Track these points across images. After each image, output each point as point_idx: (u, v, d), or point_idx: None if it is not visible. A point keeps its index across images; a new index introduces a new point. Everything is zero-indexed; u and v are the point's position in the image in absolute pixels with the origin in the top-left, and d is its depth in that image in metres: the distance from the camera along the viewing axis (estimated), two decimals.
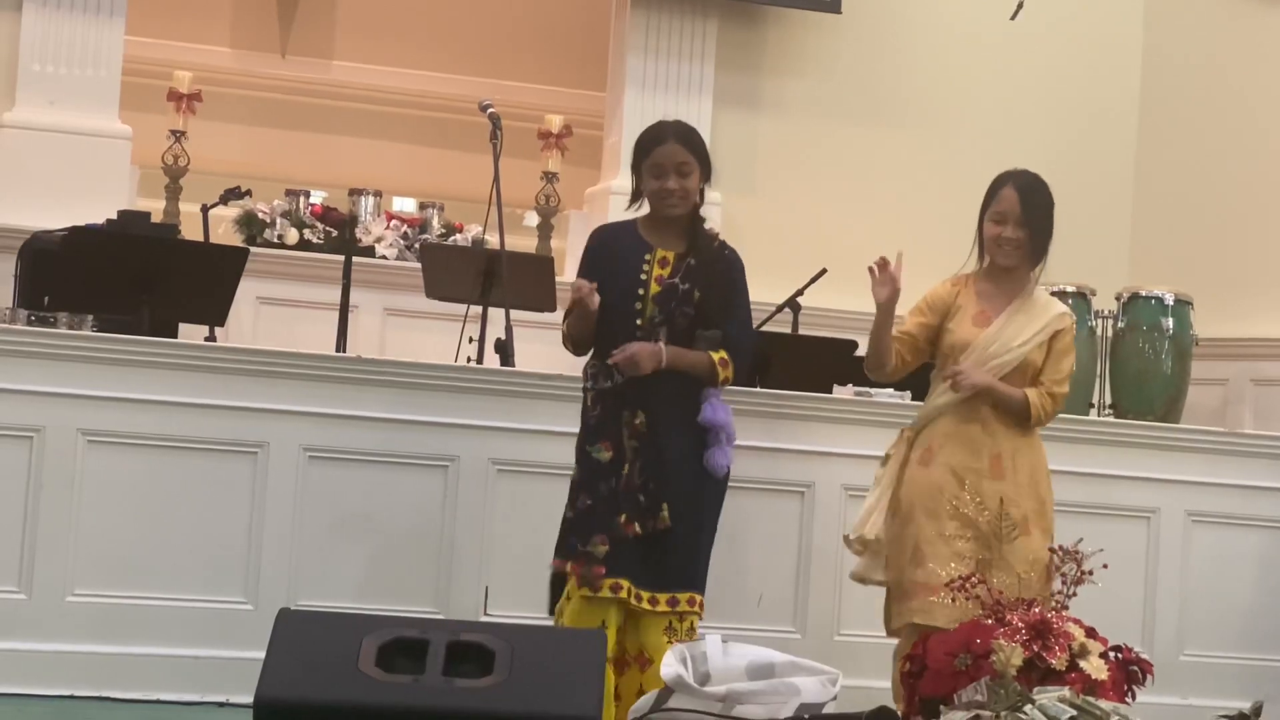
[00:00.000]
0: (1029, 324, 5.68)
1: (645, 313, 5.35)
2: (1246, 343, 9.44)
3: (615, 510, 5.29)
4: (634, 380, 5.32)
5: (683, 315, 5.36)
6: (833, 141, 9.94)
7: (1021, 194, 5.67)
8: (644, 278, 5.38)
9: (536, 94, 10.90)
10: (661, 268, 5.40)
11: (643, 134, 5.51)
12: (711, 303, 5.38)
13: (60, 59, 9.02)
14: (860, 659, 6.30)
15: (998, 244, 5.68)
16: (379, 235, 9.55)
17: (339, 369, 6.51)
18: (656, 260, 5.40)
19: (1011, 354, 5.63)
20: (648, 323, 5.35)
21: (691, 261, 5.40)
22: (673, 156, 5.39)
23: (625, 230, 5.51)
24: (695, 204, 5.46)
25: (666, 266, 5.40)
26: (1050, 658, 4.44)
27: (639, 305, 5.36)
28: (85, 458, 6.22)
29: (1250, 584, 7.29)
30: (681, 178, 5.39)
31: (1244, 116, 9.72)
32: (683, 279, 5.37)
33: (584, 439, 5.43)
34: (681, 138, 5.43)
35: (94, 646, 6.16)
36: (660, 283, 5.37)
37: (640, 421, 5.34)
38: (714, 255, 5.44)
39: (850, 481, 6.83)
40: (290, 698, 4.17)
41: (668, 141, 5.41)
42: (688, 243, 5.43)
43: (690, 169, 5.40)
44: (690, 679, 4.39)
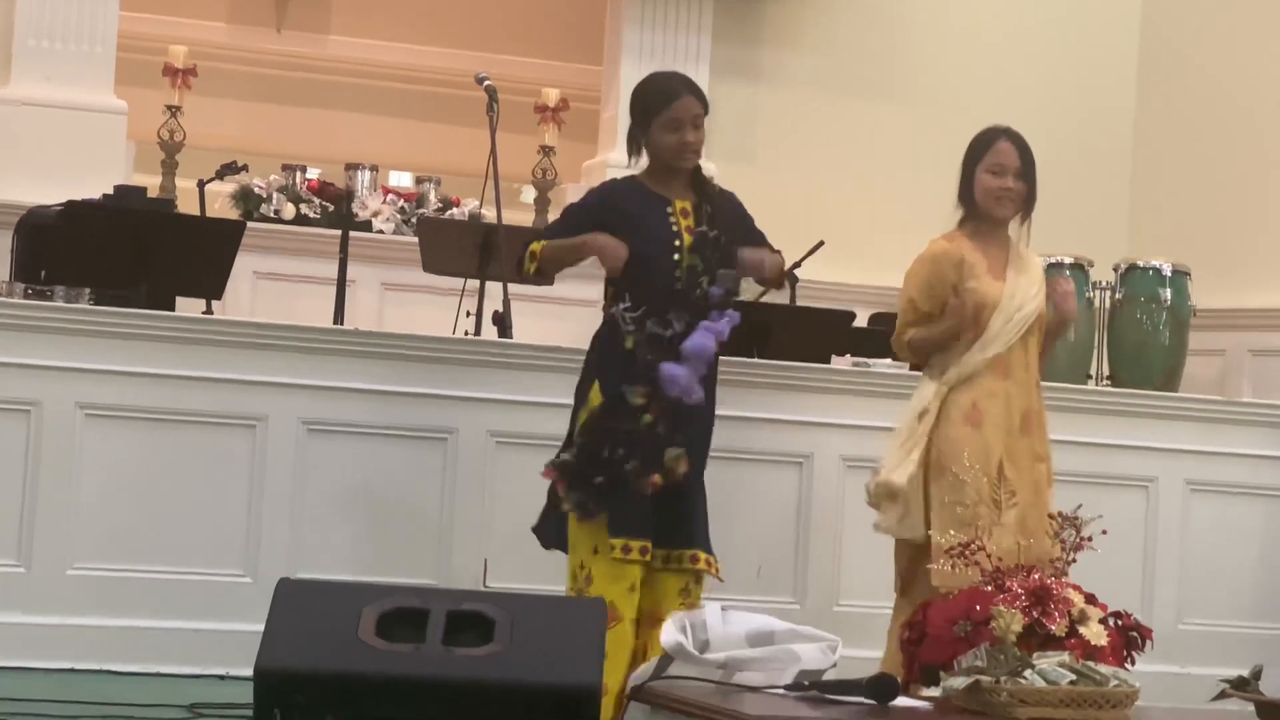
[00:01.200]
0: (1030, 277, 5.73)
1: (683, 264, 5.41)
2: (1245, 313, 9.44)
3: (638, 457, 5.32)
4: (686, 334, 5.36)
5: (715, 261, 5.43)
6: (830, 114, 9.93)
7: (1018, 146, 5.70)
8: (675, 229, 5.43)
9: (533, 68, 10.89)
10: (685, 218, 5.46)
11: (648, 89, 5.54)
12: (735, 243, 5.48)
13: (56, 34, 8.99)
14: (859, 629, 6.29)
15: (996, 196, 5.68)
16: (376, 210, 9.54)
17: (337, 342, 6.50)
18: (678, 212, 5.46)
19: (1031, 305, 5.68)
20: (686, 274, 5.40)
21: (708, 209, 5.47)
22: (689, 109, 5.44)
23: (634, 187, 5.52)
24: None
25: (689, 217, 5.46)
26: (1050, 624, 4.44)
27: (676, 258, 5.40)
28: (83, 431, 6.22)
29: (1249, 553, 7.30)
30: (697, 130, 5.46)
31: (1242, 87, 9.70)
32: (709, 226, 5.45)
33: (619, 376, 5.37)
34: (693, 90, 5.51)
35: (94, 619, 6.17)
36: (691, 233, 5.43)
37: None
38: (722, 199, 5.55)
39: (849, 452, 6.84)
40: (290, 667, 4.17)
41: (683, 95, 5.46)
42: (696, 191, 5.50)
43: (702, 120, 5.48)
44: (690, 646, 4.39)
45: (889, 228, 9.76)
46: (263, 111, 10.82)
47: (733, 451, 6.37)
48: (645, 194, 5.48)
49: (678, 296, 5.40)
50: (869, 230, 9.53)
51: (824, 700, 4.25)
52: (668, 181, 5.50)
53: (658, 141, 5.46)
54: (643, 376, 5.36)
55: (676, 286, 5.40)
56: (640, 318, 5.41)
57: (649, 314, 5.40)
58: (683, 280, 5.41)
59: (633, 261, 5.40)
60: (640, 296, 5.41)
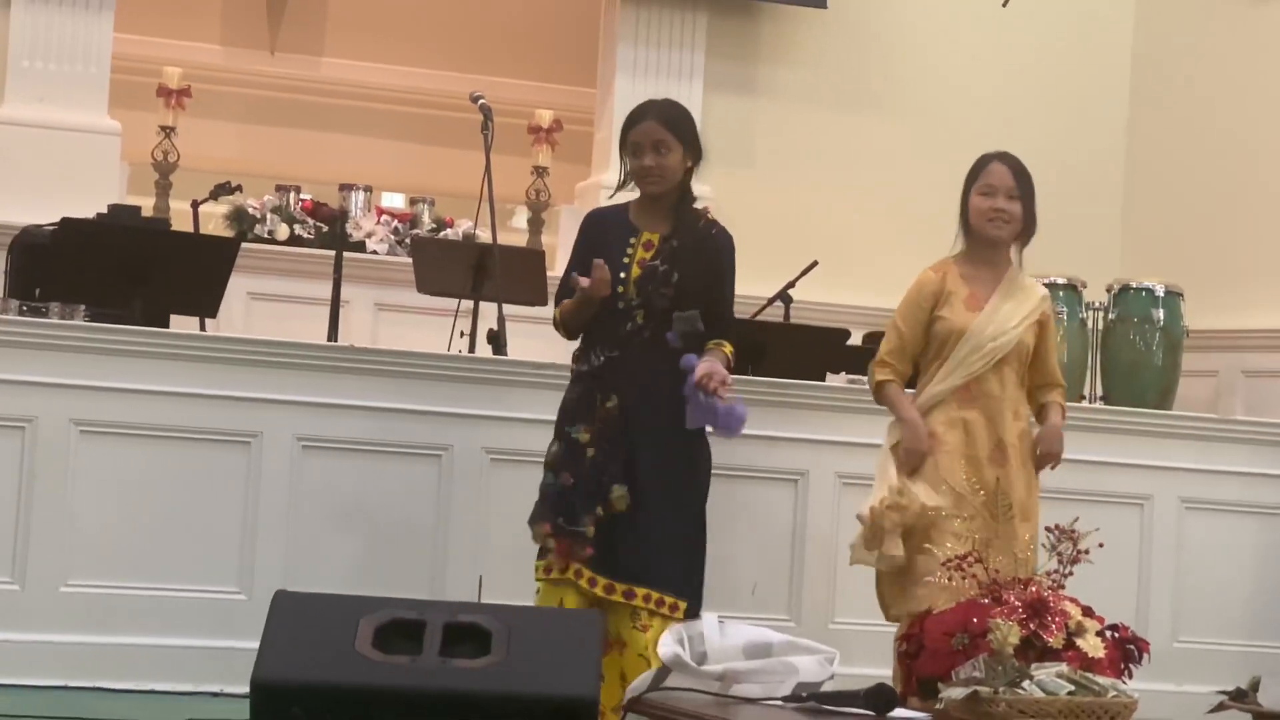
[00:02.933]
0: (1020, 305, 5.70)
1: (626, 294, 5.35)
2: (1237, 334, 9.45)
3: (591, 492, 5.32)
4: (610, 364, 5.34)
5: (660, 297, 5.34)
6: (824, 131, 9.94)
7: (1012, 168, 5.70)
8: (626, 260, 5.37)
9: (526, 90, 10.90)
10: (645, 250, 5.40)
11: (629, 114, 5.51)
12: (691, 285, 5.36)
13: (50, 55, 9.00)
14: (855, 647, 6.27)
15: (988, 217, 5.67)
16: (370, 230, 9.54)
17: (332, 358, 6.50)
18: (641, 243, 5.40)
19: (1007, 336, 5.64)
20: (626, 305, 5.35)
21: (674, 243, 5.38)
22: (649, 134, 5.37)
23: (615, 214, 5.51)
24: (678, 183, 5.43)
25: (651, 249, 5.39)
26: (1047, 636, 4.44)
27: (620, 289, 5.35)
28: (78, 448, 6.21)
29: (1244, 571, 7.30)
30: (659, 155, 5.37)
31: (1234, 107, 9.73)
32: (662, 261, 5.36)
33: (563, 419, 5.44)
34: (661, 116, 5.42)
35: (88, 637, 6.15)
36: (641, 265, 5.37)
37: (612, 405, 5.35)
38: (699, 236, 5.42)
39: (844, 469, 6.84)
40: (287, 679, 4.16)
41: (646, 119, 5.40)
42: (672, 224, 5.42)
43: (669, 147, 5.38)
44: (687, 658, 4.38)
45: (883, 246, 9.77)
46: (257, 133, 10.83)
47: (728, 469, 6.35)
48: (619, 223, 5.45)
49: (613, 327, 5.36)
50: (863, 248, 9.55)
51: (821, 712, 4.24)
52: (649, 211, 5.45)
53: (629, 166, 5.44)
54: (580, 412, 5.36)
55: (615, 318, 5.36)
56: (580, 349, 5.44)
57: (585, 345, 5.42)
58: (624, 312, 5.35)
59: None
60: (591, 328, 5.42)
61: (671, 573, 5.34)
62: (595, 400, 5.36)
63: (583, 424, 5.36)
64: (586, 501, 5.32)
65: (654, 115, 5.42)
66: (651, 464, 5.34)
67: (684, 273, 5.35)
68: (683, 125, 5.44)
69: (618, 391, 5.35)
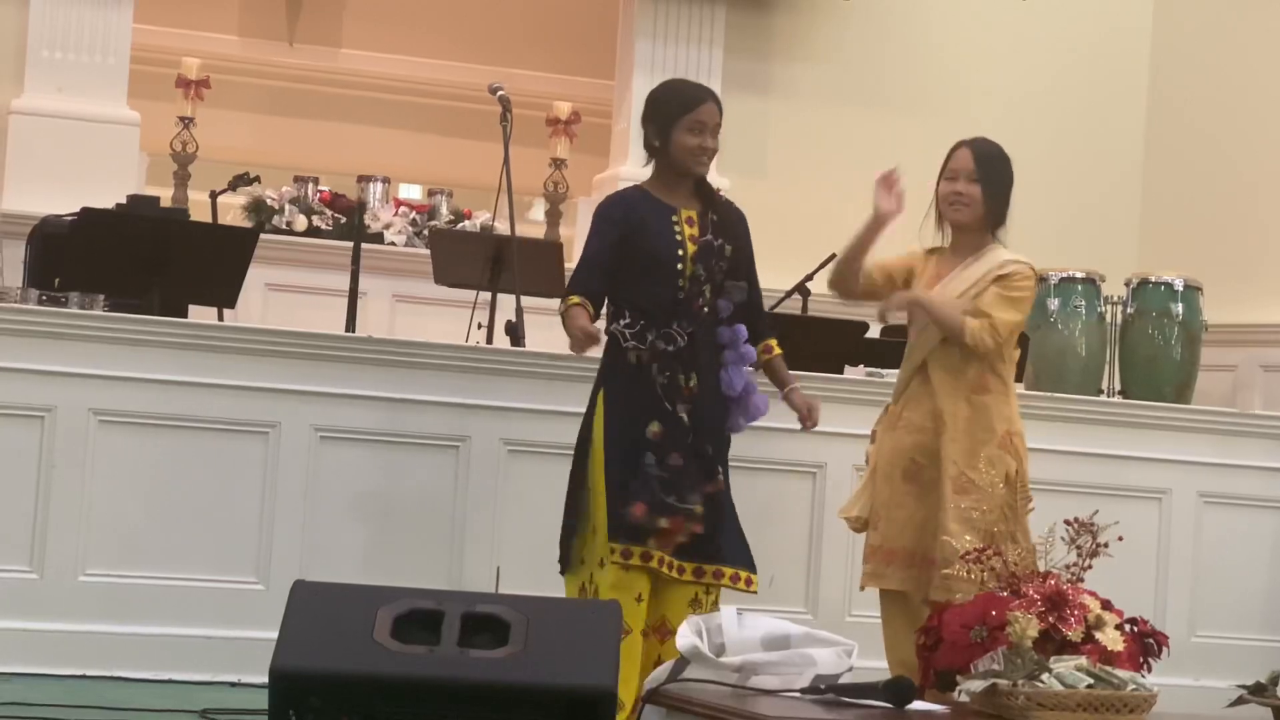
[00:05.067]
0: (969, 277, 5.64)
1: (687, 273, 5.41)
2: (1256, 328, 9.43)
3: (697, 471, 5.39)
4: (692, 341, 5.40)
5: (718, 270, 5.46)
6: (841, 126, 9.93)
7: (975, 151, 5.65)
8: (679, 238, 5.43)
9: (544, 82, 10.90)
10: (690, 227, 5.46)
11: (672, 92, 5.56)
12: (738, 256, 5.51)
13: (69, 45, 9.03)
14: (872, 640, 6.26)
15: (949, 201, 5.66)
16: (388, 222, 9.55)
17: (350, 349, 6.50)
18: (684, 220, 5.46)
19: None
20: (689, 282, 5.41)
21: (714, 218, 5.48)
22: (712, 115, 5.49)
23: (640, 196, 5.51)
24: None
25: (694, 225, 5.46)
26: (1066, 629, 4.42)
27: (680, 266, 5.41)
28: (96, 437, 6.22)
29: (1262, 565, 7.28)
30: (714, 137, 5.50)
31: (1253, 101, 9.71)
32: (714, 235, 5.46)
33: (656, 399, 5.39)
34: (715, 98, 5.55)
35: (106, 626, 6.17)
36: (695, 241, 5.43)
37: (694, 384, 5.42)
38: (727, 210, 5.56)
39: (862, 462, 6.81)
40: (306, 668, 4.16)
41: (708, 101, 5.51)
42: (702, 201, 5.51)
43: (719, 131, 5.52)
44: (706, 650, 4.38)
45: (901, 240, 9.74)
46: (275, 124, 10.84)
47: (746, 461, 6.34)
48: (652, 203, 5.47)
49: (680, 306, 5.40)
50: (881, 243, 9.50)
51: (840, 703, 4.25)
52: (673, 190, 5.50)
53: (678, 142, 5.45)
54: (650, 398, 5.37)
55: (679, 296, 5.41)
56: (640, 332, 5.41)
57: (650, 327, 5.40)
58: (685, 289, 5.41)
59: (637, 271, 5.41)
60: (642, 307, 5.41)
61: (745, 549, 5.50)
62: (667, 380, 5.39)
63: (681, 403, 5.38)
64: (696, 480, 5.37)
65: (712, 97, 5.54)
66: (721, 443, 5.48)
67: (733, 244, 5.50)
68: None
69: (696, 370, 5.41)
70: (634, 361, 5.41)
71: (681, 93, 5.56)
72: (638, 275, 5.41)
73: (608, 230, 5.47)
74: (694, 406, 5.40)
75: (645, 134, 5.52)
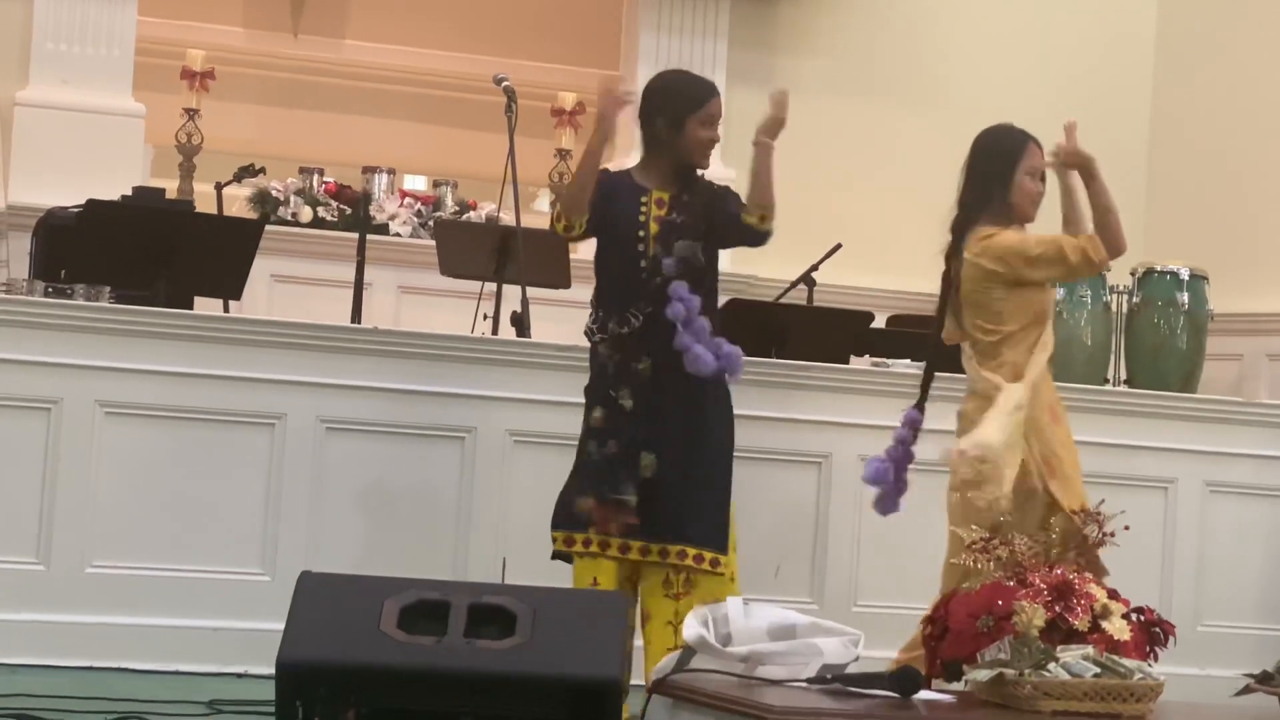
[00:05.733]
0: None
1: (648, 252, 5.44)
2: (1262, 318, 9.42)
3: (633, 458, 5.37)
4: (647, 322, 5.39)
5: (683, 249, 5.43)
6: (846, 118, 9.93)
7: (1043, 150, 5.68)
8: (643, 219, 5.47)
9: (549, 73, 10.89)
10: (659, 208, 5.49)
11: (683, 85, 5.63)
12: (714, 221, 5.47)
13: (74, 38, 9.01)
14: (878, 629, 6.25)
15: (1034, 202, 5.67)
16: (393, 213, 9.54)
17: (356, 340, 6.51)
18: (653, 201, 5.49)
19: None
20: (650, 263, 5.43)
21: (685, 198, 5.49)
22: (720, 108, 5.58)
23: (620, 177, 5.61)
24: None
25: (663, 207, 5.49)
26: (1073, 619, 4.42)
27: (641, 247, 5.44)
28: (103, 429, 6.23)
29: (1268, 554, 7.28)
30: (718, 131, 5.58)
31: (1258, 90, 9.70)
32: (678, 214, 5.46)
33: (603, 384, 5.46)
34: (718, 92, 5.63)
35: (112, 618, 6.18)
36: (659, 222, 5.45)
37: (644, 367, 5.42)
38: (706, 190, 5.55)
39: (867, 452, 6.77)
40: (313, 659, 4.17)
41: (716, 95, 5.58)
42: (680, 183, 5.52)
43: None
44: (712, 640, 4.38)
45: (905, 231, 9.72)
46: (280, 115, 10.85)
47: (751, 451, 6.35)
48: (626, 184, 5.54)
49: (641, 285, 5.43)
50: (886, 234, 9.52)
51: (847, 693, 4.25)
52: (654, 173, 5.55)
53: (691, 135, 5.50)
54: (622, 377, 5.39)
55: (641, 276, 5.43)
56: (603, 322, 5.45)
57: (610, 313, 5.44)
58: (646, 270, 5.43)
59: (601, 251, 5.52)
60: (605, 289, 5.49)
61: (709, 531, 5.43)
62: (617, 363, 5.42)
63: (626, 388, 5.40)
64: (630, 468, 5.38)
65: (717, 92, 5.61)
66: (681, 425, 5.42)
67: (701, 216, 5.47)
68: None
69: (649, 353, 5.41)
70: (601, 353, 5.48)
71: (692, 86, 5.62)
72: (604, 254, 5.52)
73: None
74: (644, 389, 5.40)
75: (651, 125, 5.53)
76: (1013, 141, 5.71)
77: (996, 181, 5.67)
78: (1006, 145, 5.70)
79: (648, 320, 5.41)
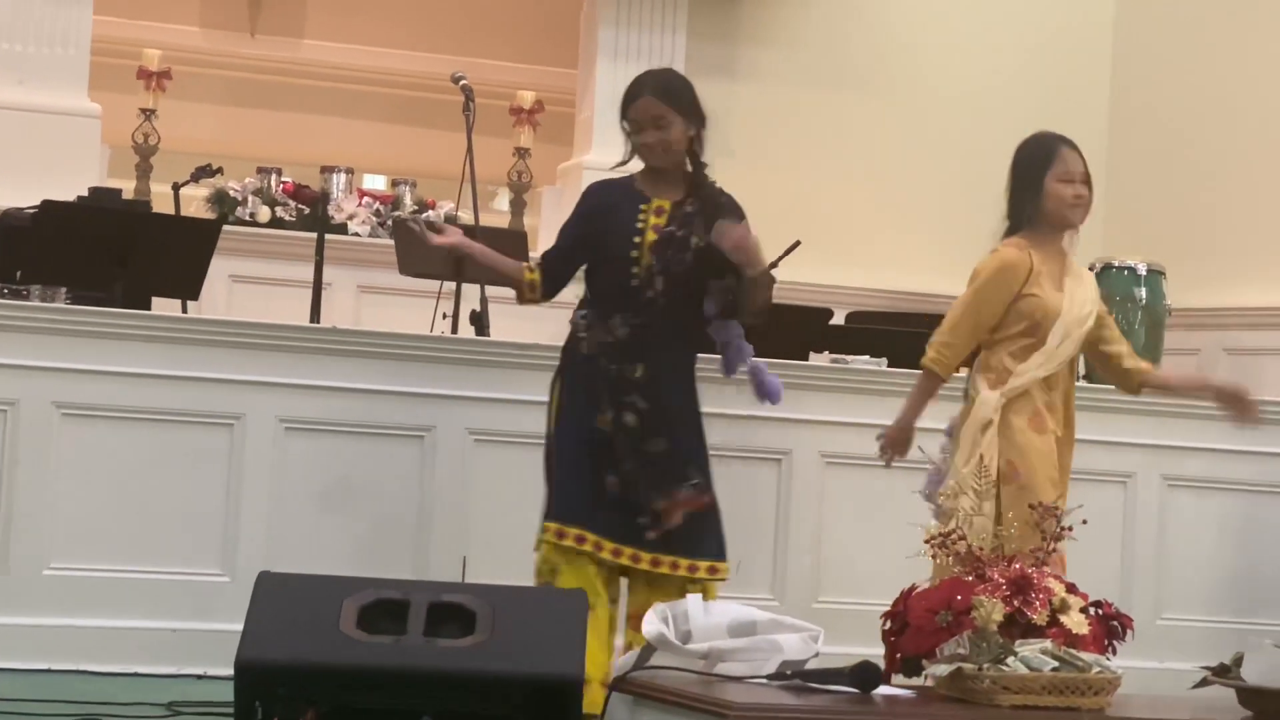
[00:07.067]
0: (1083, 288, 5.63)
1: (641, 262, 5.33)
2: (1219, 312, 9.46)
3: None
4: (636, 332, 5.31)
5: (679, 263, 5.33)
6: (807, 111, 9.94)
7: (1080, 153, 5.65)
8: (640, 226, 5.35)
9: (508, 71, 10.88)
10: (658, 217, 5.37)
11: (625, 91, 5.49)
12: (712, 250, 5.31)
13: (29, 38, 8.98)
14: (839, 626, 6.26)
15: (1072, 205, 5.58)
16: (351, 212, 9.53)
17: (315, 340, 6.49)
18: (653, 210, 5.38)
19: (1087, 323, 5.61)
20: (644, 271, 5.32)
21: (688, 209, 5.37)
22: (647, 110, 5.37)
23: (622, 184, 5.46)
24: (682, 154, 5.41)
25: (663, 215, 5.37)
26: (1031, 613, 4.44)
27: (635, 254, 5.33)
28: (60, 430, 6.20)
29: (1227, 548, 7.31)
30: (659, 130, 5.36)
31: (1216, 86, 9.73)
32: (679, 226, 5.35)
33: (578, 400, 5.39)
34: (657, 89, 5.40)
35: (71, 620, 6.15)
36: (657, 231, 5.35)
37: (640, 375, 5.33)
38: (713, 201, 5.40)
39: (827, 449, 6.85)
40: (272, 659, 4.16)
41: (643, 95, 5.39)
42: (685, 191, 5.40)
43: (668, 120, 5.36)
44: (672, 637, 4.38)
45: (866, 225, 9.78)
46: (237, 115, 10.82)
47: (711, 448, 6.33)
48: (627, 192, 5.41)
49: (630, 295, 5.33)
50: (846, 228, 9.55)
51: (807, 689, 4.26)
52: (657, 180, 5.42)
53: (630, 142, 5.43)
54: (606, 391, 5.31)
55: (632, 284, 5.33)
56: (590, 322, 5.38)
57: (599, 317, 5.36)
58: (639, 279, 5.34)
59: (598, 257, 5.39)
60: (598, 294, 5.39)
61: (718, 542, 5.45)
62: (614, 372, 5.32)
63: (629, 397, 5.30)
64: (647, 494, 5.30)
65: (649, 90, 5.39)
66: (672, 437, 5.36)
67: (703, 237, 5.32)
68: (680, 95, 5.42)
69: (644, 361, 5.32)
70: (585, 351, 5.39)
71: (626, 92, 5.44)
72: (598, 262, 5.39)
73: (578, 212, 5.51)
74: (643, 399, 5.31)
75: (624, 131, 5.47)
76: (1041, 149, 5.64)
77: (1029, 192, 5.58)
78: (1036, 153, 5.61)
79: (639, 331, 5.31)
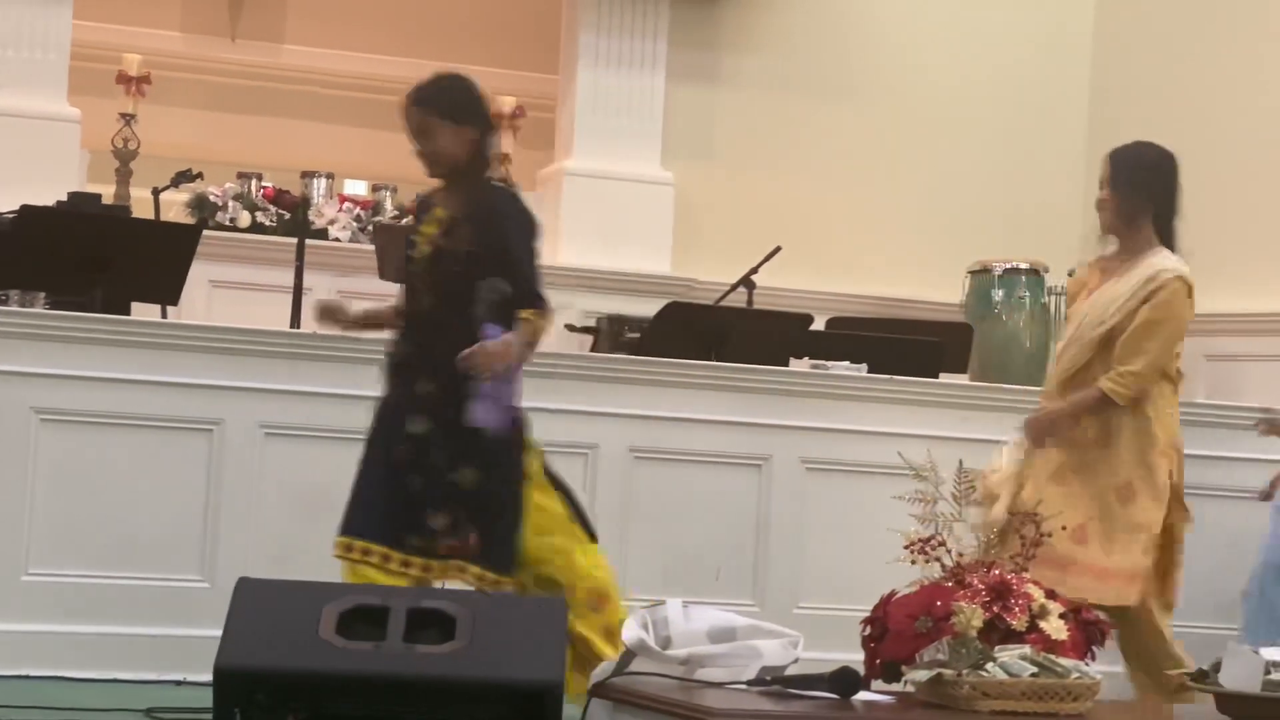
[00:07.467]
0: (1112, 295, 5.68)
1: (417, 273, 5.27)
2: (1199, 318, 9.41)
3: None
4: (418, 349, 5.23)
5: (450, 276, 5.19)
6: (788, 117, 9.95)
7: (1111, 157, 5.74)
8: (417, 239, 5.29)
9: (488, 76, 10.73)
10: (433, 227, 5.27)
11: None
12: (485, 257, 5.17)
13: (8, 42, 8.95)
14: (820, 631, 6.28)
15: (1100, 209, 5.75)
16: (332, 218, 9.52)
17: (295, 346, 6.49)
18: (433, 220, 5.28)
19: (1104, 325, 5.65)
20: (419, 283, 5.27)
21: (458, 218, 5.21)
22: (410, 121, 5.28)
23: (427, 195, 5.45)
24: (460, 161, 5.26)
25: (438, 226, 5.26)
26: (1010, 619, 4.44)
27: (411, 267, 5.30)
28: (39, 436, 6.18)
29: (1202, 553, 7.29)
30: (425, 140, 5.25)
31: (1195, 94, 9.75)
32: (445, 236, 5.21)
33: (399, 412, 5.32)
34: (415, 99, 5.28)
35: (50, 626, 6.13)
36: (431, 243, 5.24)
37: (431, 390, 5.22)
38: (483, 208, 5.22)
39: (807, 454, 6.86)
40: (251, 665, 4.16)
41: (406, 107, 5.28)
42: (463, 199, 5.25)
43: (430, 128, 5.23)
44: (651, 643, 4.38)
45: (846, 231, 9.78)
46: (217, 120, 10.80)
47: (691, 454, 6.37)
48: (424, 202, 5.41)
49: (408, 310, 5.31)
50: (826, 234, 9.55)
51: (787, 695, 4.26)
52: (449, 189, 5.30)
53: None
54: (416, 405, 5.22)
55: (410, 299, 5.31)
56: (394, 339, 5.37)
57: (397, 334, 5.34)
58: (414, 292, 5.28)
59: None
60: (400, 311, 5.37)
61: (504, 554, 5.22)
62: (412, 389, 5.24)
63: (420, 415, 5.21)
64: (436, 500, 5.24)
65: (411, 100, 5.27)
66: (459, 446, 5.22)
67: (472, 246, 5.17)
68: (442, 101, 5.27)
69: (426, 375, 5.21)
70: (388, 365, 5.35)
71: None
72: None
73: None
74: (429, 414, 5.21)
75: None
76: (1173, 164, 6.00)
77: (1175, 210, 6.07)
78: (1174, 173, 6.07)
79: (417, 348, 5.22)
